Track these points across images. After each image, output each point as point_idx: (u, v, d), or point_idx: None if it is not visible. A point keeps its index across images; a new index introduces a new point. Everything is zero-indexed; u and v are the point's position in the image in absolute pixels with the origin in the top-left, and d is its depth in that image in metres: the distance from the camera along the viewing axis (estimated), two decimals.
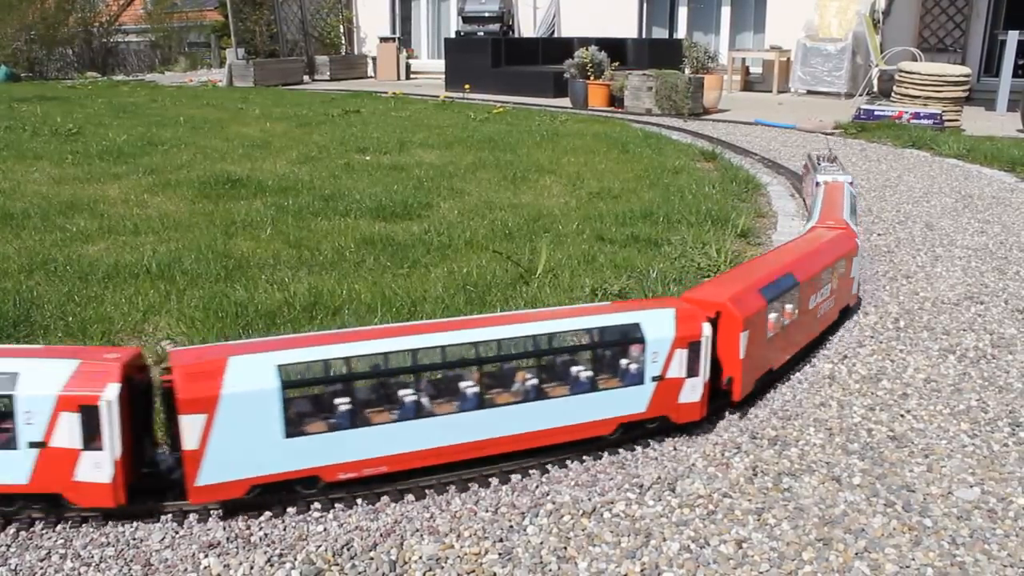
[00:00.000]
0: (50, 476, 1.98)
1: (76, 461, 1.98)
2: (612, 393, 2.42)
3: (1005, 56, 11.47)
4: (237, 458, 2.05)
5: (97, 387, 1.95)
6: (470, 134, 8.45)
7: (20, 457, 1.97)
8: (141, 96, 12.58)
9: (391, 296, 3.49)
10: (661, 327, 2.44)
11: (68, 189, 5.70)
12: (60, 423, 1.95)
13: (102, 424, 1.95)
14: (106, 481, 1.99)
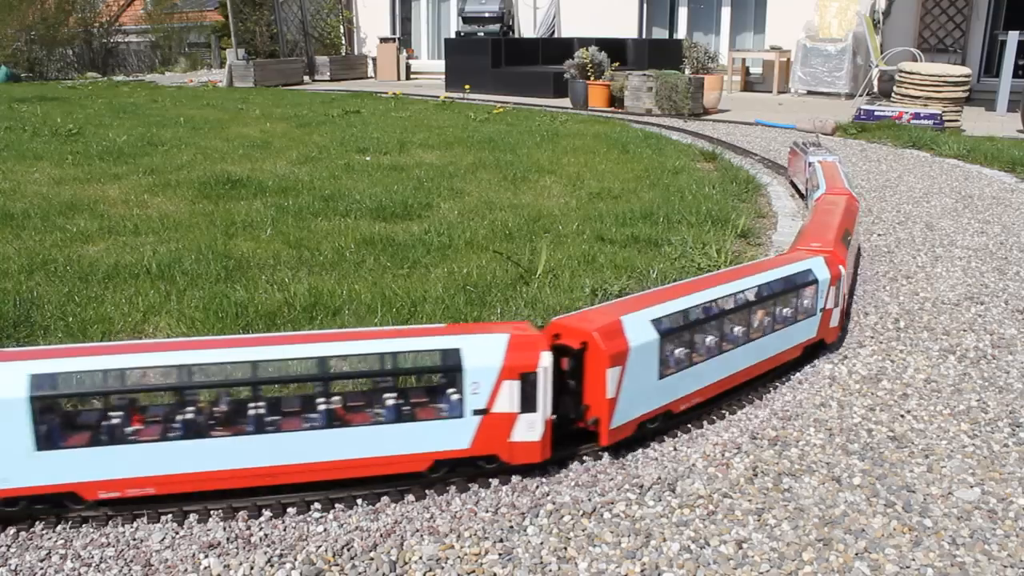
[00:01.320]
0: (490, 439, 2.25)
1: (513, 424, 2.24)
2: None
3: (1005, 56, 11.47)
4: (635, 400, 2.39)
5: (533, 356, 2.21)
6: (470, 134, 8.45)
7: (464, 424, 2.21)
8: (141, 96, 12.59)
9: (391, 296, 3.49)
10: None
11: (68, 189, 5.70)
12: (502, 391, 2.20)
13: (538, 389, 2.22)
14: (536, 440, 2.28)
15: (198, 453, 2.09)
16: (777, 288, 2.87)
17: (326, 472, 2.17)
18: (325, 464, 2.16)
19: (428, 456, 2.23)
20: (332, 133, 8.56)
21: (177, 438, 2.07)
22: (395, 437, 2.19)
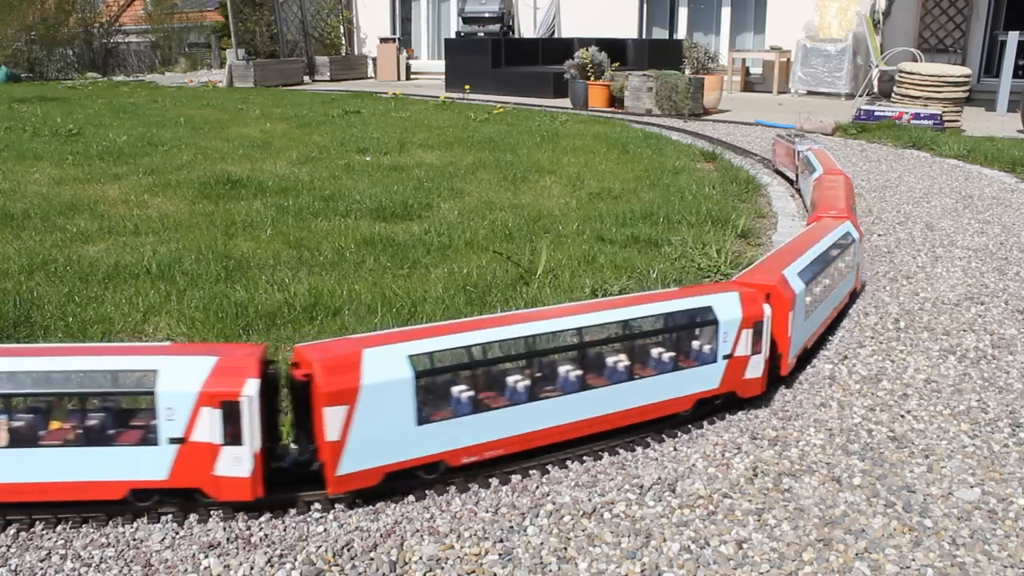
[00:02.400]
0: (732, 379, 2.64)
1: (746, 365, 2.66)
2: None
3: (1005, 57, 11.47)
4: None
5: (759, 307, 2.62)
6: (470, 135, 8.45)
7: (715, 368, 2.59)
8: (141, 97, 12.59)
9: (391, 297, 3.49)
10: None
11: (68, 190, 5.70)
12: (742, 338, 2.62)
13: (763, 334, 2.66)
14: (759, 376, 2.71)
15: (533, 414, 2.30)
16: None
17: (622, 420, 2.47)
18: (622, 413, 2.46)
19: (692, 397, 2.60)
20: (332, 133, 8.56)
21: (516, 402, 2.27)
22: (671, 384, 2.54)
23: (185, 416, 2.00)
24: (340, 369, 2.04)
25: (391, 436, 2.12)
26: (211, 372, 2.01)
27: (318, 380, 2.02)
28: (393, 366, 2.09)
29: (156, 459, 2.03)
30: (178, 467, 2.04)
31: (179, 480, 2.06)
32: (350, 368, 2.05)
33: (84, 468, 2.02)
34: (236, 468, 2.04)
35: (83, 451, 2.02)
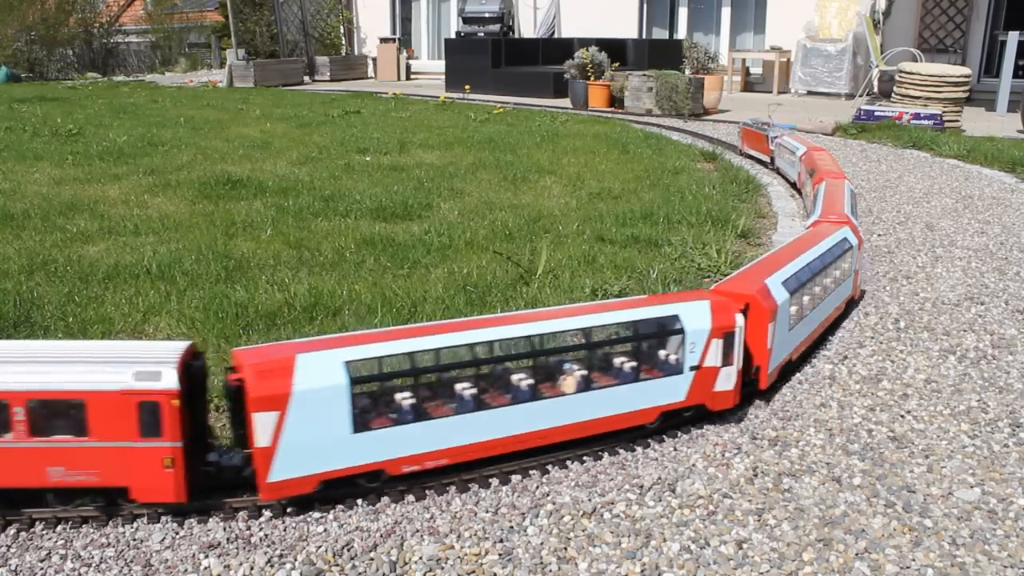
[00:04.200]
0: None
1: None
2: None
3: (1005, 57, 11.47)
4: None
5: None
6: (470, 135, 8.45)
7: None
8: (141, 97, 12.59)
9: (391, 297, 3.49)
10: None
11: (68, 190, 5.70)
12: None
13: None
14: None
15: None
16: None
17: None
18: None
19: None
20: (332, 133, 8.56)
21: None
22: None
23: (700, 346, 2.50)
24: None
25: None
26: (712, 311, 2.53)
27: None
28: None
29: (679, 385, 2.52)
30: (693, 389, 2.55)
31: (692, 399, 2.56)
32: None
33: (629, 402, 2.46)
34: (726, 383, 2.61)
35: (630, 387, 2.44)
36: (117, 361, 2.01)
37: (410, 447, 2.19)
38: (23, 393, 1.94)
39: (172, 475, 2.02)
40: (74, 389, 1.96)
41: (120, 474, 2.02)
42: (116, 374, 1.97)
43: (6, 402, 1.94)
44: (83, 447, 1.99)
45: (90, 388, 1.96)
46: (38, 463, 1.99)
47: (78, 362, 2.01)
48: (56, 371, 1.97)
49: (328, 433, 2.08)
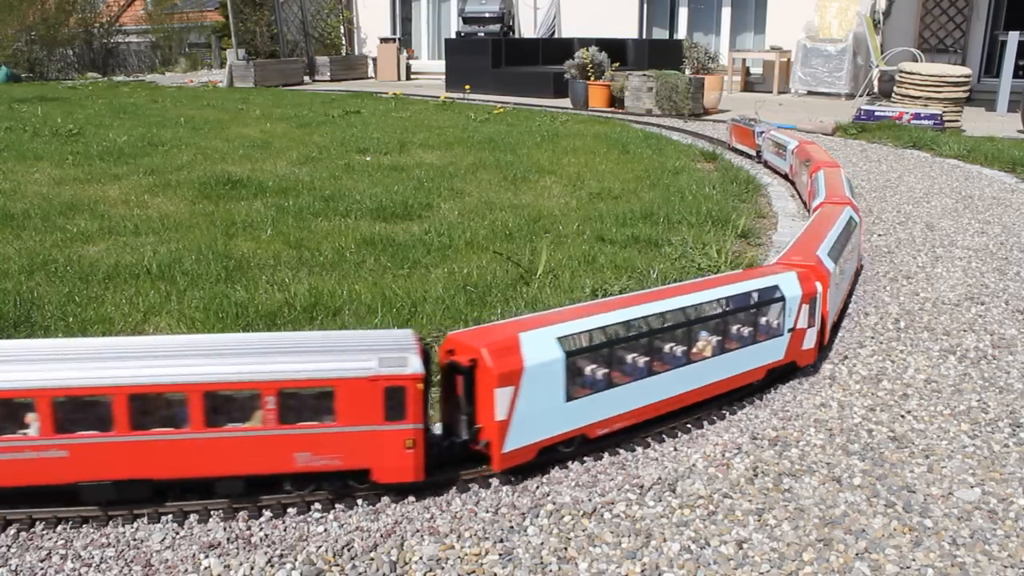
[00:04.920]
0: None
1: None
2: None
3: (1005, 57, 11.47)
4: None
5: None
6: (470, 135, 8.45)
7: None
8: (141, 97, 12.59)
9: (391, 296, 3.49)
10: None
11: (68, 190, 5.70)
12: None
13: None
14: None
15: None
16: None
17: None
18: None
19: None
20: (332, 133, 8.56)
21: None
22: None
23: (795, 311, 2.88)
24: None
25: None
26: (800, 280, 2.90)
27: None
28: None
29: (780, 345, 2.88)
30: (789, 348, 2.92)
31: (788, 357, 2.93)
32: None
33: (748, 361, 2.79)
34: (810, 342, 3.01)
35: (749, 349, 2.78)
36: (360, 349, 2.12)
37: (603, 412, 2.42)
38: (274, 382, 2.02)
39: (412, 455, 2.15)
40: (324, 377, 2.05)
41: (363, 457, 2.12)
42: (364, 361, 2.08)
43: (258, 391, 2.02)
44: (330, 432, 2.08)
45: (340, 375, 2.05)
46: (286, 449, 2.08)
47: (324, 351, 2.10)
48: (305, 360, 2.06)
49: (547, 404, 2.28)
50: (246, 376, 2.02)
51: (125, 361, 2.01)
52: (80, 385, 1.96)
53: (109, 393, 1.97)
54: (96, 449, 2.01)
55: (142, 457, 2.03)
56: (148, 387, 1.99)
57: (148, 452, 2.03)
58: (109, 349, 2.08)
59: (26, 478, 2.01)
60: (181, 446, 2.04)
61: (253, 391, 2.03)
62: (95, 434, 2.00)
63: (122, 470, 2.04)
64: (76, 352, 2.04)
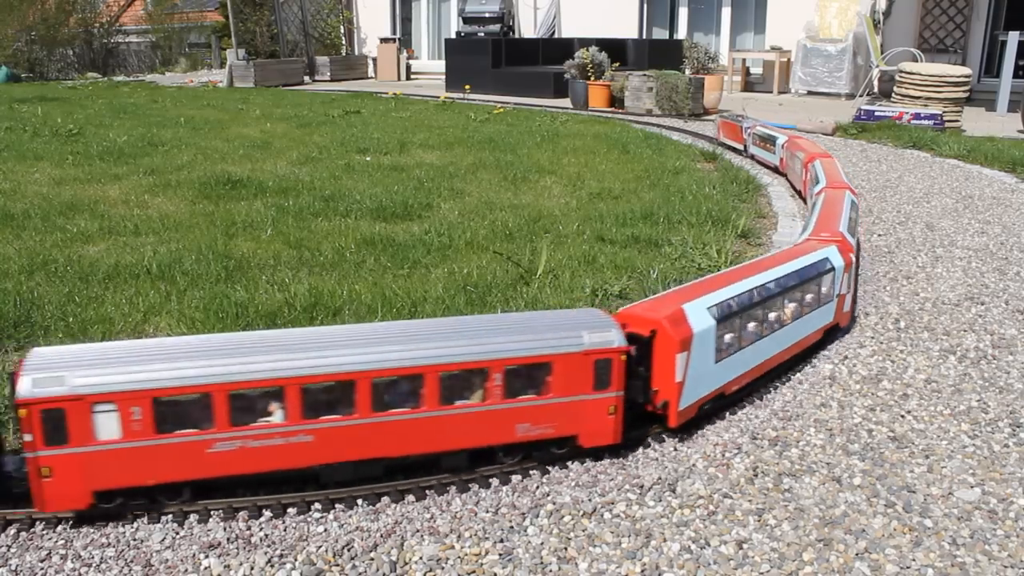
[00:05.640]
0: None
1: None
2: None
3: (1005, 57, 11.47)
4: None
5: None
6: (470, 135, 8.45)
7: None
8: (141, 97, 12.59)
9: (391, 297, 3.49)
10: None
11: (68, 190, 5.70)
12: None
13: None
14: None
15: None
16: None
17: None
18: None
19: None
20: (332, 133, 8.56)
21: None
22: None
23: (840, 279, 3.26)
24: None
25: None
26: (840, 252, 3.30)
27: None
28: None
29: (831, 309, 3.25)
30: (836, 311, 3.30)
31: (835, 320, 3.32)
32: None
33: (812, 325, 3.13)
34: (847, 306, 3.42)
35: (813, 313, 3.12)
36: (567, 327, 2.31)
37: (734, 372, 2.71)
38: (502, 360, 2.20)
39: (613, 420, 2.37)
40: (544, 353, 2.25)
41: (572, 424, 2.33)
42: (576, 337, 2.28)
43: (487, 369, 2.20)
44: (547, 403, 2.28)
45: (557, 351, 2.25)
46: (510, 421, 2.26)
47: (537, 330, 2.30)
48: (526, 339, 2.26)
49: (704, 366, 2.55)
50: (478, 356, 2.19)
51: (367, 347, 2.14)
52: (328, 372, 2.08)
53: (354, 378, 2.10)
54: (339, 432, 2.13)
55: (380, 437, 2.17)
56: (390, 371, 2.12)
57: (386, 432, 2.17)
58: (344, 336, 2.21)
59: (273, 463, 2.11)
60: (416, 424, 2.18)
61: (483, 369, 2.20)
62: (339, 418, 2.12)
63: (362, 451, 2.17)
64: (318, 341, 2.16)
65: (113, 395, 1.95)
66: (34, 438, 1.93)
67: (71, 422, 1.94)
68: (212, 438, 2.04)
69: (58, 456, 1.96)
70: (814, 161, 5.32)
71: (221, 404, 2.02)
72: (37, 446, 1.94)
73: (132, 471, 2.01)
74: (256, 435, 2.07)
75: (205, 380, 2.00)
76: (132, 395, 1.95)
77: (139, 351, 2.05)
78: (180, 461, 2.03)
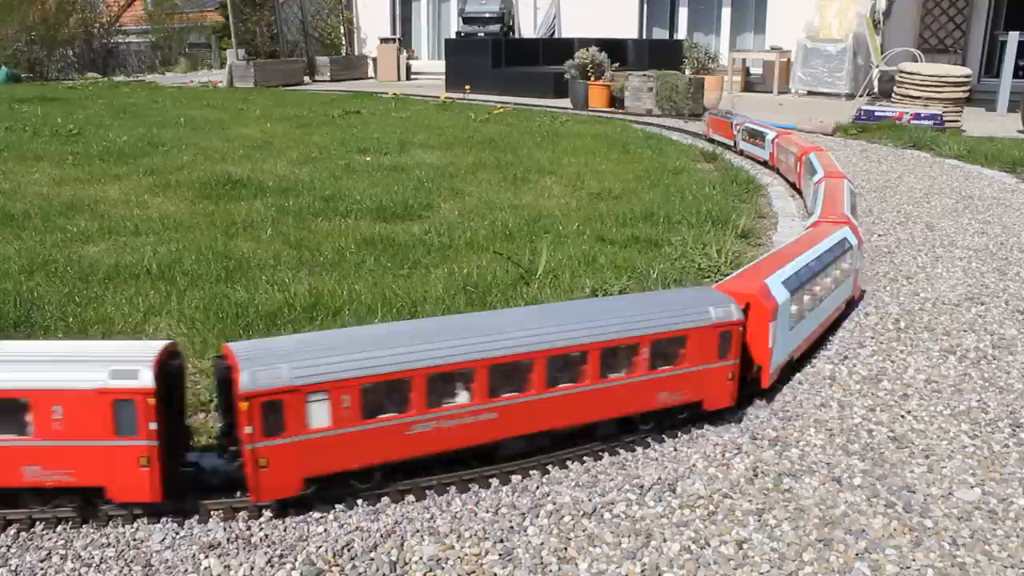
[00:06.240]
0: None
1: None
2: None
3: (1005, 57, 11.46)
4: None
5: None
6: (470, 135, 8.45)
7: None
8: (141, 97, 12.59)
9: (391, 297, 3.49)
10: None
11: (69, 190, 5.70)
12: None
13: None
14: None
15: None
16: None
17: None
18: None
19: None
20: (332, 133, 8.56)
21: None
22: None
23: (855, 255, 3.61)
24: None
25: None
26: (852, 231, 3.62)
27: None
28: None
29: (851, 282, 3.60)
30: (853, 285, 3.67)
31: (852, 293, 3.68)
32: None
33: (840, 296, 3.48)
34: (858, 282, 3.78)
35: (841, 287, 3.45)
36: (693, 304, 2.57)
37: (801, 338, 3.01)
38: (650, 335, 2.43)
39: (732, 385, 2.62)
40: (682, 327, 2.49)
41: (699, 390, 2.57)
42: (705, 312, 2.53)
43: (637, 344, 2.41)
44: (682, 373, 2.52)
45: (692, 325, 2.50)
46: (653, 390, 2.49)
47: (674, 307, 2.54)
48: (665, 316, 2.48)
49: (783, 334, 2.80)
50: (630, 332, 2.40)
51: (542, 328, 2.31)
52: (512, 353, 2.24)
53: (532, 358, 2.27)
54: (519, 408, 2.29)
55: (551, 411, 2.34)
56: (562, 349, 2.31)
57: (555, 406, 2.34)
58: (522, 318, 2.41)
59: (463, 441, 2.24)
60: (579, 397, 2.37)
61: (634, 344, 2.41)
62: (518, 395, 2.28)
63: (536, 424, 2.34)
64: (499, 323, 2.35)
65: (326, 384, 2.04)
66: (254, 430, 2.00)
67: (288, 413, 2.02)
68: (411, 420, 2.16)
69: (275, 446, 2.03)
70: (808, 154, 5.64)
71: (420, 388, 2.14)
72: (256, 438, 2.01)
73: (340, 457, 2.11)
74: (449, 415, 2.20)
75: (407, 366, 2.12)
76: (343, 384, 2.05)
77: (335, 342, 2.17)
78: (382, 444, 2.15)
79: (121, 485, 2.01)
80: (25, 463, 1.99)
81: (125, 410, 1.95)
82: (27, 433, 1.98)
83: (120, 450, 1.98)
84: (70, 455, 1.98)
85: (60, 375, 1.96)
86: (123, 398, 1.95)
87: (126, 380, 1.95)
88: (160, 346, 2.07)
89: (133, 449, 1.98)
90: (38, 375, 1.96)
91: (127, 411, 1.95)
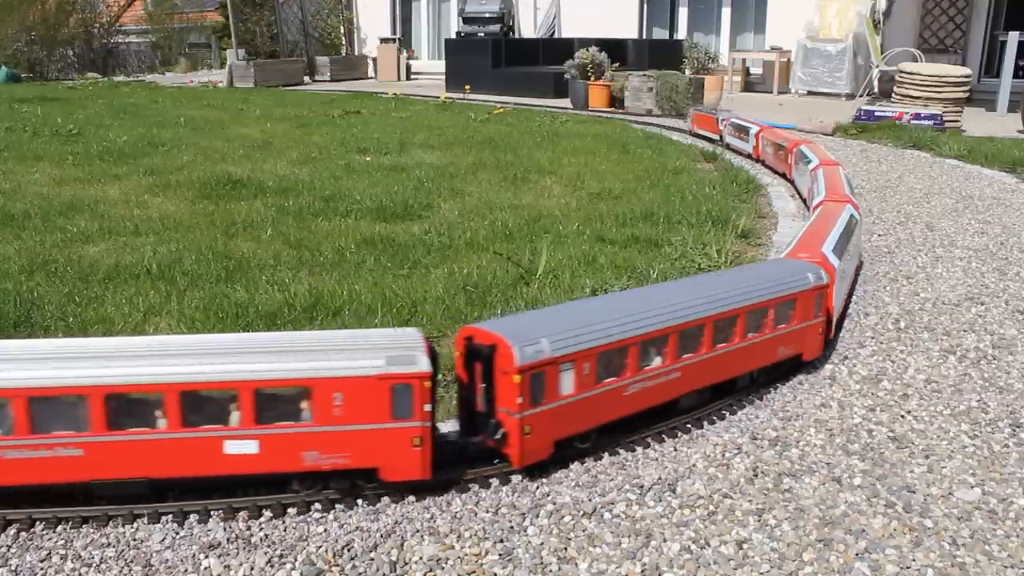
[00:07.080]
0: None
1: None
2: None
3: (1005, 57, 11.46)
4: None
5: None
6: (470, 135, 8.46)
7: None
8: (142, 97, 12.59)
9: (391, 297, 3.49)
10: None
11: (69, 190, 5.70)
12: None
13: None
14: None
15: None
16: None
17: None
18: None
19: None
20: (332, 133, 8.56)
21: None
22: None
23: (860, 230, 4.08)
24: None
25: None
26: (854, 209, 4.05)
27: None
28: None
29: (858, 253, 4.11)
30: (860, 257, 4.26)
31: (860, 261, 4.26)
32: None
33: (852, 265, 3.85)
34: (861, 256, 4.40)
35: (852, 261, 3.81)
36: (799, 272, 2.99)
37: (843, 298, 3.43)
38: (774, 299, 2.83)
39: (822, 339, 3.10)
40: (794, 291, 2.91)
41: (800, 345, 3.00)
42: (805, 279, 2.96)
43: (767, 308, 2.81)
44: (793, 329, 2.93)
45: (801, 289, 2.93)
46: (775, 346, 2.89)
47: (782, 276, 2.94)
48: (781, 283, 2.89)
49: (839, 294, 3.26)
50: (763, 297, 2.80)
51: (710, 299, 2.67)
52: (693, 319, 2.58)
53: (703, 323, 2.62)
54: (694, 367, 2.61)
55: (715, 367, 2.69)
56: (725, 313, 2.67)
57: (717, 363, 2.69)
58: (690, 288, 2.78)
59: (657, 399, 2.55)
60: (732, 355, 2.73)
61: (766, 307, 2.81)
62: (693, 355, 2.61)
63: (705, 380, 2.67)
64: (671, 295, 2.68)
65: (573, 354, 2.30)
66: (523, 400, 2.21)
67: (548, 383, 2.26)
68: (628, 382, 2.45)
69: (536, 414, 2.25)
70: (799, 146, 6.17)
71: (634, 354, 2.44)
72: (525, 407, 2.21)
73: (579, 419, 2.37)
74: (651, 376, 2.51)
75: (629, 334, 2.42)
76: (585, 353, 2.32)
77: (567, 315, 2.46)
78: (607, 405, 2.42)
79: (394, 465, 2.15)
80: (305, 449, 2.10)
81: (403, 394, 2.10)
82: (306, 419, 2.08)
83: (396, 432, 2.12)
84: (348, 439, 2.11)
85: (340, 363, 2.07)
86: (402, 383, 2.09)
87: (404, 366, 2.09)
88: (417, 334, 2.23)
89: (408, 431, 2.12)
90: (319, 364, 2.06)
91: (404, 395, 2.10)
